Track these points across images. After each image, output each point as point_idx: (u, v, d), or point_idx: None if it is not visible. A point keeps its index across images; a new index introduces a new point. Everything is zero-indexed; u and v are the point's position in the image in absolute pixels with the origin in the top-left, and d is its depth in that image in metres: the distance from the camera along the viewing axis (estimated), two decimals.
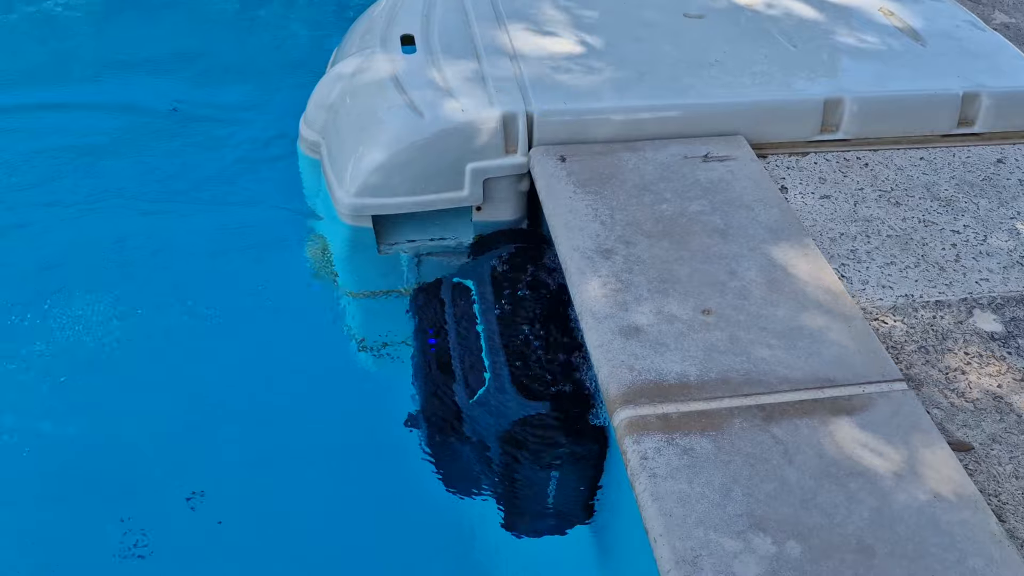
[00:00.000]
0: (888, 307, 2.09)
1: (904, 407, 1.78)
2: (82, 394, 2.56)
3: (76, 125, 3.58)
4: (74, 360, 2.64)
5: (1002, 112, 2.67)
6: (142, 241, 3.05)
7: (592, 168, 2.41)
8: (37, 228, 3.11)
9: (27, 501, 2.34)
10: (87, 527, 2.28)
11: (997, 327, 2.05)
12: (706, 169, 2.43)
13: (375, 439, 2.41)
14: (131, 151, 3.45)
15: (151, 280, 2.90)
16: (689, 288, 2.04)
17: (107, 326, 2.74)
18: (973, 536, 1.55)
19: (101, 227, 3.11)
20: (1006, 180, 2.54)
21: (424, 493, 2.24)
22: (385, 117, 2.50)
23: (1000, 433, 1.79)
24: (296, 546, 2.26)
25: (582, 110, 2.49)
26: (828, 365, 1.86)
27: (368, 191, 2.47)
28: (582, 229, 2.20)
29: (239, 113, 3.64)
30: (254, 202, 3.18)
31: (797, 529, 1.54)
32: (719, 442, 1.69)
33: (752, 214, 2.28)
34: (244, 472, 2.40)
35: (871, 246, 2.27)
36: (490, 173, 2.49)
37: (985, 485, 1.68)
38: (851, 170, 2.55)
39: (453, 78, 2.57)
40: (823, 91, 2.61)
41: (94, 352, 2.66)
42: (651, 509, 1.57)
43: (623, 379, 1.80)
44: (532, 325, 2.22)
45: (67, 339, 2.70)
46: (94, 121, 3.61)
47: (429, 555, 2.23)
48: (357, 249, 2.62)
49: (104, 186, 3.28)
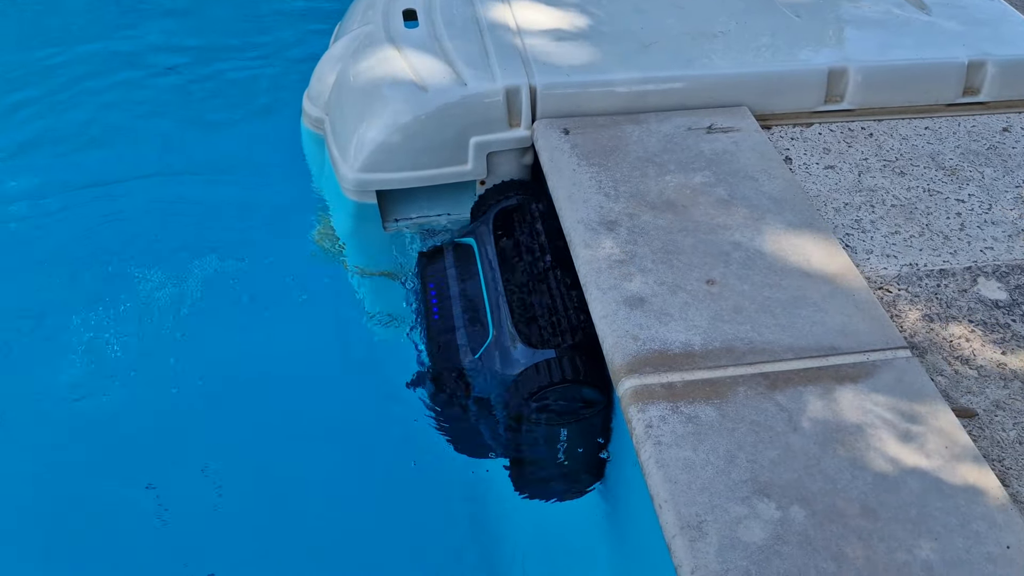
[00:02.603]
0: (893, 276, 2.09)
1: (908, 374, 1.79)
2: (104, 366, 2.60)
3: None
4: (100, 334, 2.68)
5: (1008, 80, 2.66)
6: (162, 214, 3.09)
7: (596, 140, 2.41)
8: (56, 202, 3.15)
9: (46, 471, 2.38)
10: (104, 494, 2.32)
11: (1001, 295, 2.05)
12: (710, 140, 2.43)
13: (384, 408, 2.44)
14: (142, 118, 3.49)
15: (166, 254, 2.93)
16: (693, 259, 2.04)
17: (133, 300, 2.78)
18: (976, 500, 1.56)
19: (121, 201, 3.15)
20: (1011, 149, 2.53)
21: (432, 458, 2.26)
22: (388, 92, 2.49)
23: (1004, 399, 1.80)
24: (306, 512, 2.29)
25: (586, 82, 2.48)
26: (832, 333, 1.86)
27: (372, 166, 2.47)
28: (586, 201, 2.21)
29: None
30: (263, 175, 3.20)
31: (801, 494, 1.56)
32: (724, 410, 1.70)
33: (756, 185, 2.28)
34: (255, 443, 2.43)
35: (876, 216, 2.26)
36: (494, 147, 2.49)
37: (989, 450, 1.69)
38: (855, 140, 2.54)
39: (456, 52, 2.56)
40: (827, 61, 2.59)
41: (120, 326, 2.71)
42: (656, 476, 1.58)
43: (628, 349, 1.81)
44: (535, 274, 2.20)
45: (94, 314, 2.74)
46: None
47: (438, 519, 2.26)
48: (362, 225, 2.63)
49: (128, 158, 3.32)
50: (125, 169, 3.28)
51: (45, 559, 2.22)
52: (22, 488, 2.34)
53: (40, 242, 3.01)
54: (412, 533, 2.29)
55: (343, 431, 2.47)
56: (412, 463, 2.34)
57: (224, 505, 2.31)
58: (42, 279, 2.86)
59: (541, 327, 2.07)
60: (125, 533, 2.25)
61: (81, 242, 3.00)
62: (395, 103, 2.46)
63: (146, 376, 2.59)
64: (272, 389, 2.58)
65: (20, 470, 2.37)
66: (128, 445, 2.44)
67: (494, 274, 2.23)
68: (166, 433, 2.47)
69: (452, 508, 2.30)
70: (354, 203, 2.56)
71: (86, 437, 2.46)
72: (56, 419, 2.50)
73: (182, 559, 2.20)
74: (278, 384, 2.59)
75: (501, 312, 2.12)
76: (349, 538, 2.26)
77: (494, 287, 2.20)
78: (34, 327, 2.73)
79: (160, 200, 3.17)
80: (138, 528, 2.26)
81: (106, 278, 2.85)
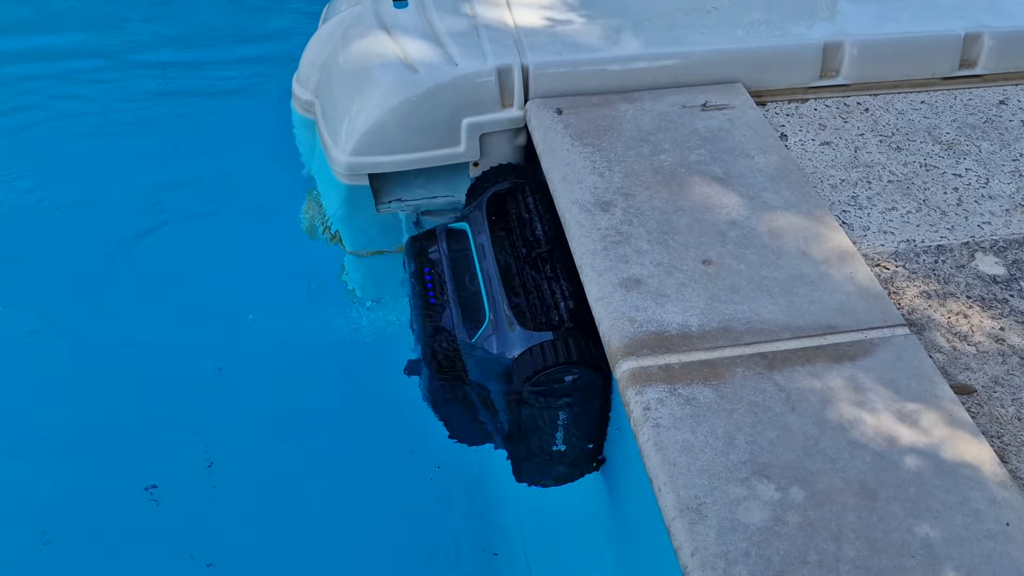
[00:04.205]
0: (890, 253, 2.07)
1: (906, 352, 1.78)
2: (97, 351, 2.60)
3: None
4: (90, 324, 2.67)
5: (1004, 53, 2.63)
6: (152, 205, 3.07)
7: (589, 120, 2.39)
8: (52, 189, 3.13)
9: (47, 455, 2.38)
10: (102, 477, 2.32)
11: (999, 270, 2.04)
12: (705, 118, 2.40)
13: (380, 394, 2.43)
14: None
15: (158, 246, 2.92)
16: (689, 238, 2.02)
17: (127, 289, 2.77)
18: (975, 477, 1.56)
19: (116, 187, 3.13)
20: (1008, 122, 2.51)
21: (429, 444, 2.26)
22: (379, 74, 2.46)
23: (1002, 375, 1.80)
24: (300, 500, 2.29)
25: (578, 61, 2.45)
26: (830, 312, 1.85)
27: (364, 149, 2.45)
28: (580, 182, 2.18)
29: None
30: (255, 160, 3.18)
31: (800, 475, 1.55)
32: (722, 391, 1.69)
33: (752, 162, 2.26)
34: (251, 430, 2.42)
35: (872, 192, 2.25)
36: (486, 128, 2.47)
37: (988, 427, 1.69)
38: (851, 116, 2.52)
39: (446, 32, 2.53)
40: (822, 35, 2.57)
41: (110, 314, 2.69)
42: (654, 459, 1.58)
43: (624, 331, 1.80)
44: (530, 257, 2.19)
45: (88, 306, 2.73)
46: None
47: (435, 507, 2.26)
48: (355, 209, 2.61)
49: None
50: (112, 154, 3.25)
51: (44, 551, 2.22)
52: (20, 479, 2.34)
53: (37, 235, 2.99)
54: (410, 508, 2.29)
55: (337, 415, 2.46)
56: (408, 450, 2.34)
57: (220, 491, 2.31)
58: (40, 270, 2.85)
59: (537, 309, 2.06)
60: (122, 523, 2.25)
61: (71, 230, 2.98)
62: (386, 85, 2.43)
63: (138, 363, 2.58)
64: (266, 375, 2.57)
65: (18, 463, 2.37)
66: (124, 434, 2.44)
67: (488, 257, 2.22)
68: (162, 420, 2.46)
69: (450, 490, 2.29)
70: (346, 186, 2.53)
71: (80, 424, 2.45)
72: (49, 405, 2.49)
73: (182, 548, 2.20)
74: (271, 369, 2.58)
75: (496, 295, 2.11)
76: (347, 524, 2.26)
77: (489, 270, 2.19)
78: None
79: (149, 184, 3.14)
80: (136, 517, 2.25)
81: (94, 263, 2.84)
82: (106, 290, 2.80)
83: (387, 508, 2.31)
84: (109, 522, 2.26)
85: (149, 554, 2.21)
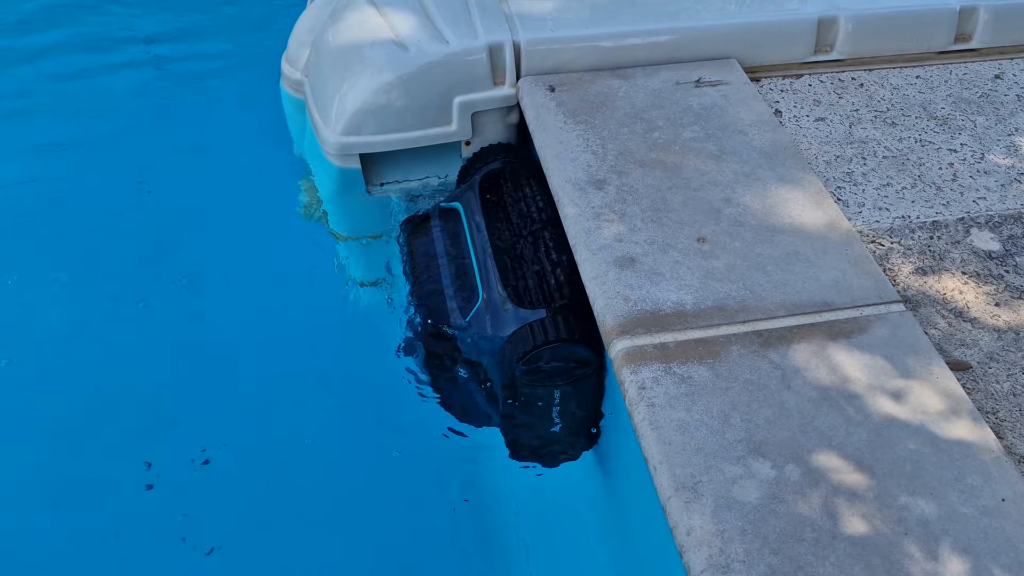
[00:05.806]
0: (885, 229, 2.06)
1: (902, 328, 1.77)
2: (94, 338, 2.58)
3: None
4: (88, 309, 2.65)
5: (1000, 26, 2.61)
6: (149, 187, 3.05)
7: (582, 97, 2.36)
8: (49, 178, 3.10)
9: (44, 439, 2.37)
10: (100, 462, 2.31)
11: (995, 246, 2.03)
12: (698, 95, 2.38)
13: (376, 376, 2.42)
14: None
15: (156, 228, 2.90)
16: (684, 216, 2.01)
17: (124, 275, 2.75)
18: (971, 454, 1.55)
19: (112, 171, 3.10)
20: (1004, 96, 2.49)
21: (424, 423, 2.25)
22: (369, 53, 2.43)
23: (998, 351, 1.79)
24: (296, 483, 2.28)
25: (570, 37, 2.43)
26: (825, 289, 1.84)
27: (354, 129, 2.42)
28: (573, 160, 2.16)
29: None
30: (246, 142, 3.15)
31: (796, 452, 1.54)
32: (717, 370, 1.68)
33: (746, 139, 2.24)
34: (251, 417, 2.41)
35: (867, 168, 2.23)
36: (478, 106, 2.44)
37: (983, 403, 1.68)
38: (846, 91, 2.50)
39: (437, 9, 2.50)
40: (817, 10, 2.54)
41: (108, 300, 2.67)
42: (650, 438, 1.57)
43: (619, 310, 1.79)
44: (523, 236, 2.17)
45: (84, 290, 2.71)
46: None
47: (431, 487, 2.25)
48: (346, 190, 2.58)
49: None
50: (105, 139, 3.22)
51: (42, 536, 2.21)
52: (19, 469, 2.32)
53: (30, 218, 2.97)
54: (407, 492, 2.28)
55: (333, 398, 2.45)
56: (400, 430, 2.33)
57: (221, 478, 2.30)
58: (36, 258, 2.82)
59: (531, 288, 2.05)
60: (122, 508, 2.24)
61: (62, 216, 2.95)
62: (376, 63, 2.40)
63: (135, 349, 2.56)
64: (263, 359, 2.55)
65: (17, 448, 2.36)
66: (123, 420, 2.42)
67: (482, 237, 2.20)
68: (161, 406, 2.45)
69: (446, 475, 2.29)
70: (337, 167, 2.51)
71: (79, 410, 2.44)
72: (48, 392, 2.47)
73: (176, 532, 2.20)
74: (268, 354, 2.56)
75: (490, 274, 2.09)
76: (346, 508, 2.26)
77: (482, 250, 2.17)
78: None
79: (141, 170, 3.12)
80: (137, 504, 2.24)
81: (92, 251, 2.82)
82: (96, 272, 2.77)
83: (382, 489, 2.30)
84: (103, 507, 2.25)
85: (142, 540, 2.20)
